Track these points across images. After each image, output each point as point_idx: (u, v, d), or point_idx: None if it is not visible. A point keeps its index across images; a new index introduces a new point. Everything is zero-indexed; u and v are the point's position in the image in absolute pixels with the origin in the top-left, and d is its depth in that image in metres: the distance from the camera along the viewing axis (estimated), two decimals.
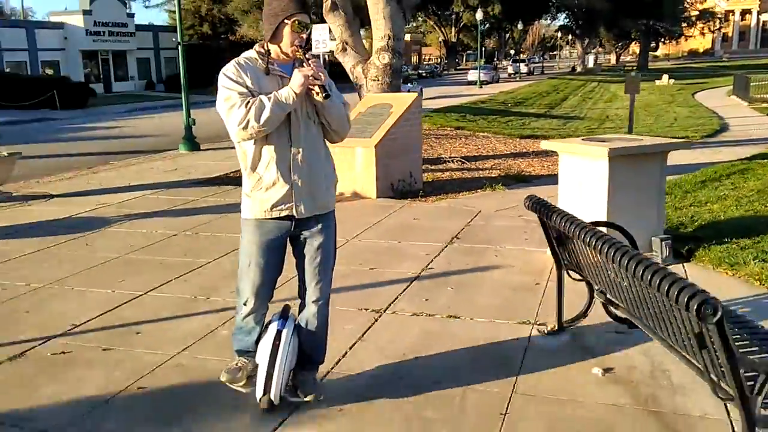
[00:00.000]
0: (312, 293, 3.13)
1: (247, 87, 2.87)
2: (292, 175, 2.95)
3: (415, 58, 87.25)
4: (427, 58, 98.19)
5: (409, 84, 31.21)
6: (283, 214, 2.99)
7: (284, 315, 3.17)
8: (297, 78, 2.85)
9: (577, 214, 3.40)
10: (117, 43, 41.48)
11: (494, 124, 18.86)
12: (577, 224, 3.12)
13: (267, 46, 2.96)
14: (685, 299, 2.13)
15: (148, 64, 44.98)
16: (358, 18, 12.48)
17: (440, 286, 4.83)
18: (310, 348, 3.17)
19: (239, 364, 3.20)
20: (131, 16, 43.28)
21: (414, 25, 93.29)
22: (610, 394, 3.20)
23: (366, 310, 4.38)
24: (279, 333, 3.05)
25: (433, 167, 10.83)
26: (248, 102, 2.82)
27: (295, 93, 2.84)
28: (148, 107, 30.05)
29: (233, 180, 9.82)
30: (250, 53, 3.00)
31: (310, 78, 2.84)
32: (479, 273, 5.10)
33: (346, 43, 11.84)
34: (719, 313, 2.07)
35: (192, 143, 13.68)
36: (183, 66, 14.33)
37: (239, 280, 3.13)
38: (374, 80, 11.25)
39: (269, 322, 3.15)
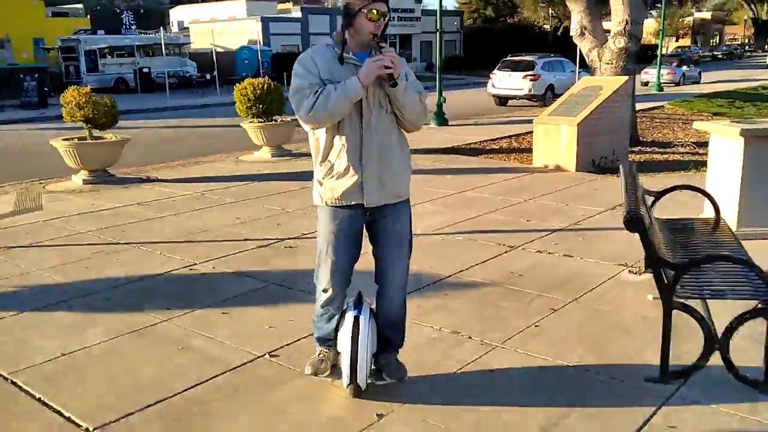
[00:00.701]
0: (387, 280, 3.20)
1: (319, 76, 2.94)
2: (362, 164, 3.01)
3: (714, 39, 79.91)
4: (732, 37, 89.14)
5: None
6: (353, 202, 3.05)
7: (359, 301, 3.23)
8: (366, 67, 2.88)
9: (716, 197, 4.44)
10: (403, 28, 45.62)
11: (764, 111, 17.81)
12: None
13: (344, 35, 3.00)
14: None
15: (430, 46, 48.64)
16: (598, 3, 13.14)
17: (574, 237, 5.93)
18: (388, 332, 3.26)
19: (322, 356, 3.33)
20: (419, 1, 47.15)
21: (719, 1, 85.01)
22: (652, 312, 4.19)
23: (503, 245, 5.71)
24: (357, 320, 3.09)
25: (659, 150, 11.33)
26: (317, 91, 2.89)
27: (362, 82, 2.88)
28: None
29: (460, 150, 11.49)
30: (327, 42, 3.07)
31: (379, 67, 2.86)
32: (614, 231, 6.04)
33: (585, 28, 12.67)
34: None
35: (441, 119, 15.62)
36: (440, 48, 16.27)
37: (317, 267, 3.21)
38: (608, 64, 11.98)
39: (345, 310, 3.22)
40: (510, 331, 3.93)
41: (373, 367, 3.26)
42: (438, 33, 15.95)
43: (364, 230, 3.18)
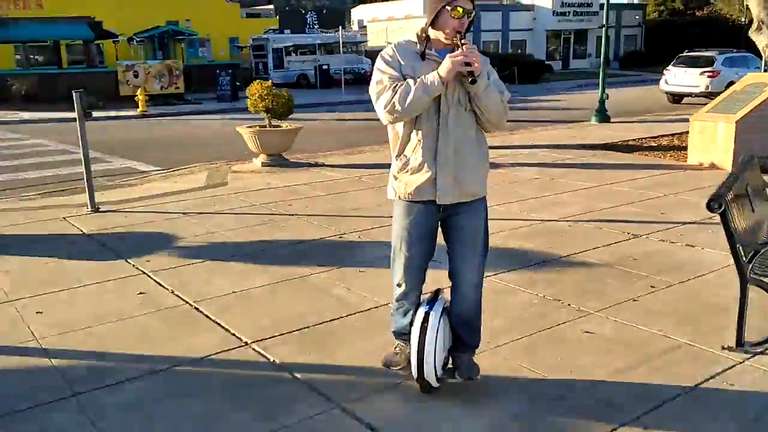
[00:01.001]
0: (461, 278, 3.18)
1: (400, 71, 2.97)
2: (436, 161, 3.01)
3: None
4: None
5: None
6: (426, 198, 3.07)
7: (434, 298, 3.25)
8: (446, 63, 2.86)
9: None
10: (580, 23, 44.60)
11: None
12: None
13: (428, 31, 3.01)
14: None
15: (608, 41, 47.08)
16: None
17: (703, 230, 6.08)
18: (461, 330, 3.25)
19: (397, 349, 3.36)
20: None
21: None
22: None
23: (627, 233, 6.02)
24: (427, 315, 3.11)
25: None
26: (396, 85, 2.92)
27: (441, 78, 2.87)
28: (591, 84, 32.35)
29: (616, 146, 11.55)
30: (411, 37, 3.11)
31: (459, 63, 2.84)
32: None
33: (762, 22, 12.11)
34: None
35: (603, 115, 15.54)
36: (605, 44, 16.16)
37: (392, 261, 3.24)
38: None
39: (420, 305, 3.23)
40: (607, 303, 4.36)
41: (449, 365, 3.28)
42: (604, 28, 15.87)
43: (439, 227, 3.19)
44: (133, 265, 5.33)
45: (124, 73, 23.59)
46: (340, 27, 33.59)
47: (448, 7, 2.90)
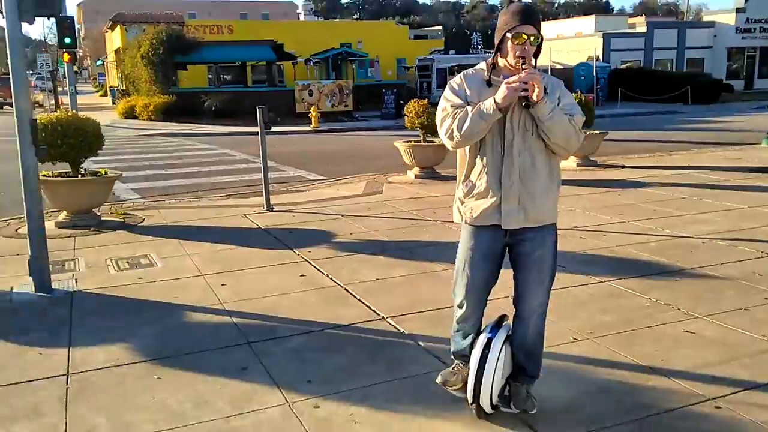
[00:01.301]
0: (525, 306, 3.19)
1: (465, 98, 3.03)
2: (501, 186, 3.03)
3: None
4: None
5: None
6: (491, 223, 3.08)
7: (498, 324, 3.25)
8: (501, 89, 2.89)
9: None
10: (767, 40, 41.60)
11: None
12: None
13: (496, 59, 3.07)
14: None
15: None
16: None
17: None
18: (521, 358, 3.24)
19: (455, 369, 3.36)
20: None
21: None
22: None
23: (762, 252, 6.12)
24: (489, 342, 3.11)
25: None
26: (457, 112, 2.99)
27: (496, 103, 2.89)
28: None
29: None
30: (480, 65, 3.14)
31: (514, 89, 2.85)
32: None
33: None
34: None
35: None
36: None
37: (454, 283, 3.27)
38: None
39: (482, 330, 3.26)
40: (717, 310, 4.66)
41: (505, 393, 3.27)
42: None
43: (507, 252, 3.19)
44: (298, 254, 6.35)
45: (300, 92, 25.80)
46: None
47: (509, 34, 2.96)
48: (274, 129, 15.11)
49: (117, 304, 5.10)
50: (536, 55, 3.00)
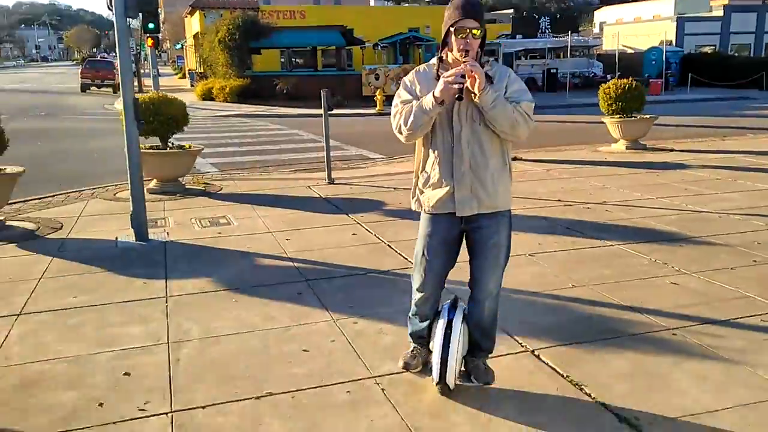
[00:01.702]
0: (481, 289, 3.34)
1: (416, 94, 3.17)
2: (453, 176, 3.16)
3: None
4: None
5: None
6: (447, 211, 3.22)
7: (454, 305, 3.42)
8: (439, 83, 3.00)
9: None
10: None
11: None
12: None
13: (445, 53, 3.19)
14: None
15: None
16: None
17: None
18: (478, 337, 3.44)
19: (414, 353, 3.60)
20: None
21: None
22: None
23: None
24: (450, 323, 3.30)
25: None
26: (404, 108, 3.15)
27: (435, 97, 3.00)
28: None
29: None
30: (432, 61, 3.28)
31: (450, 82, 2.95)
32: None
33: None
34: None
35: None
36: None
37: (414, 269, 3.44)
38: None
39: (440, 311, 3.44)
40: (706, 268, 5.41)
41: (462, 369, 3.47)
42: None
43: (464, 238, 3.35)
44: (352, 218, 7.39)
45: (367, 75, 26.90)
46: (569, 32, 34.14)
47: (452, 29, 3.07)
48: (340, 111, 16.13)
49: (201, 251, 6.25)
50: (482, 46, 3.14)
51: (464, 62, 3.00)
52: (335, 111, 20.96)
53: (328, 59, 33.52)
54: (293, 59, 32.57)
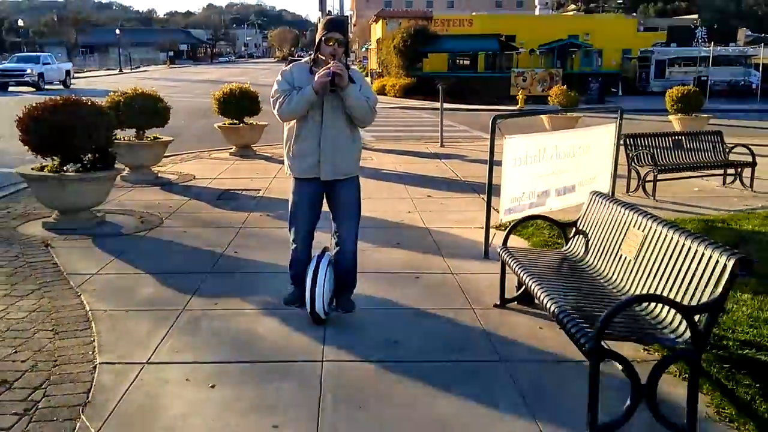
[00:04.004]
0: (340, 237, 4.27)
1: (292, 84, 4.07)
2: (320, 148, 4.07)
3: None
4: None
5: None
6: (312, 176, 4.11)
7: (322, 254, 4.29)
8: (315, 78, 3.96)
9: None
10: None
11: None
12: None
13: (317, 56, 4.14)
14: None
15: None
16: None
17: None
18: (343, 277, 4.36)
19: (293, 292, 4.43)
20: None
21: None
22: None
23: None
24: (317, 265, 4.18)
25: None
26: (286, 95, 4.01)
27: (313, 87, 3.95)
28: None
29: None
30: (306, 59, 4.26)
31: (322, 78, 3.90)
32: None
33: None
34: None
35: None
36: None
37: (289, 224, 4.33)
38: None
39: (311, 258, 4.27)
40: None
41: (333, 303, 4.40)
42: None
43: (325, 199, 4.29)
44: (445, 164, 12.61)
45: (515, 77, 31.57)
46: (729, 43, 35.47)
47: (322, 39, 4.08)
48: (485, 107, 20.69)
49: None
50: (346, 53, 4.20)
51: (333, 63, 4.02)
52: (481, 106, 25.99)
53: (488, 63, 38.41)
54: (458, 61, 37.82)
